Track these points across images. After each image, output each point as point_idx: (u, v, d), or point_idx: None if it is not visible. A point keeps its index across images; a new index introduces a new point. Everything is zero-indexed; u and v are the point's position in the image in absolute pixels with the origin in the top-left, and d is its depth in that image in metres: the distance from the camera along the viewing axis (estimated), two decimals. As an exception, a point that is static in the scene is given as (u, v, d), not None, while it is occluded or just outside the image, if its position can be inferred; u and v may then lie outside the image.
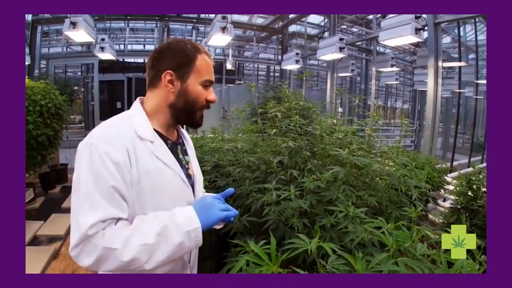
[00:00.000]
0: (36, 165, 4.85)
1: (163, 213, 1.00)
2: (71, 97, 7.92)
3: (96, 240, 0.88)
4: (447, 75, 8.64)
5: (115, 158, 0.94)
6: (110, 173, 0.93)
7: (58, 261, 3.45)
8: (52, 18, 8.17)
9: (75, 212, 0.91)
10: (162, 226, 0.95)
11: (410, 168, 2.05)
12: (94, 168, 0.93)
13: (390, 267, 0.90)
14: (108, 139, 0.97)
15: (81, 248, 0.89)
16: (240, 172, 1.87)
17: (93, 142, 0.95)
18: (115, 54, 7.09)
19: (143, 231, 0.93)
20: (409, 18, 4.17)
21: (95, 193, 0.91)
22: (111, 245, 0.88)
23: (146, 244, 0.91)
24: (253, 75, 13.51)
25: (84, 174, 0.93)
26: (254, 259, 0.90)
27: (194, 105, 1.12)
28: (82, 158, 0.95)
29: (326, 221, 1.36)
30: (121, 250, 0.89)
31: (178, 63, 1.09)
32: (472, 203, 2.08)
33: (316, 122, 2.03)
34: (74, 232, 0.90)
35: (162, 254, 0.93)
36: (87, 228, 0.88)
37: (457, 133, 7.68)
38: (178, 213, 1.00)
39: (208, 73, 1.13)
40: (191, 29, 10.26)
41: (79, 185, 0.93)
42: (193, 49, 1.11)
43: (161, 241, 0.93)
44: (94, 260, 0.88)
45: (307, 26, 10.16)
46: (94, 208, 0.90)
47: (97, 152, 0.94)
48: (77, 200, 0.93)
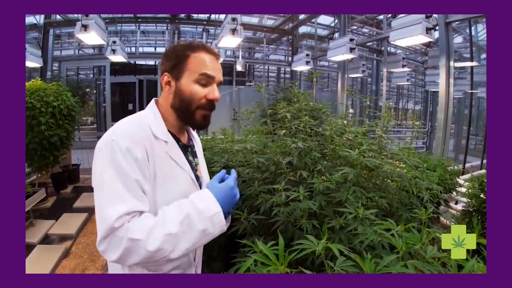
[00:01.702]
0: (49, 165, 4.94)
1: (183, 202, 1.02)
2: (83, 98, 8.03)
3: (121, 233, 0.90)
4: (459, 75, 8.51)
5: (135, 154, 0.97)
6: (132, 168, 0.96)
7: (69, 259, 3.49)
8: (63, 21, 8.28)
9: (101, 206, 0.93)
10: (185, 215, 0.97)
11: (422, 169, 2.02)
12: (116, 162, 0.95)
13: (399, 269, 0.89)
14: (129, 136, 0.99)
15: (108, 242, 0.90)
16: (250, 173, 1.87)
17: (114, 138, 0.98)
18: (127, 57, 7.15)
19: (165, 221, 0.95)
20: (420, 17, 4.13)
21: (119, 187, 0.94)
22: (134, 236, 0.90)
23: (170, 233, 0.93)
24: (264, 76, 13.50)
25: (107, 169, 0.95)
26: (262, 259, 0.90)
27: (191, 103, 1.11)
28: (103, 154, 0.97)
29: (335, 222, 1.35)
30: (145, 241, 0.90)
31: (172, 64, 1.12)
32: (484, 206, 2.05)
33: (326, 123, 2.02)
34: (100, 226, 0.91)
35: (186, 243, 0.96)
36: (114, 220, 0.89)
37: (470, 135, 7.55)
38: (197, 200, 1.02)
39: (203, 67, 1.11)
40: (201, 31, 10.31)
41: (103, 179, 0.95)
42: (186, 49, 1.12)
43: (184, 230, 0.96)
44: (120, 253, 0.90)
45: (317, 27, 10.12)
46: (119, 200, 0.93)
47: (118, 148, 0.96)
48: (101, 194, 0.95)
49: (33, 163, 4.83)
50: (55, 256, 3.42)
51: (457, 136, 9.50)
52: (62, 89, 5.08)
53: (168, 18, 9.25)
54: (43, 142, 4.60)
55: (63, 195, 5.54)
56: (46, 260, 3.34)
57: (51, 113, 4.65)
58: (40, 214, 4.62)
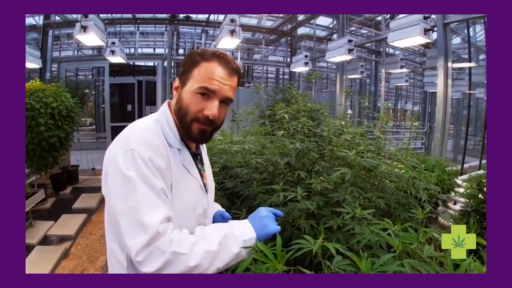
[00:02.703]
0: (48, 166, 4.94)
1: (222, 224, 1.06)
2: (82, 99, 8.01)
3: (164, 246, 0.89)
4: (458, 76, 8.52)
5: (158, 164, 0.97)
6: (156, 177, 0.95)
7: (68, 260, 3.50)
8: (63, 22, 8.27)
9: (134, 215, 0.90)
10: (223, 235, 0.99)
11: (419, 170, 2.03)
12: (142, 172, 0.93)
13: (395, 268, 0.90)
14: (149, 145, 0.98)
15: (150, 252, 0.88)
16: (248, 174, 1.87)
17: (134, 148, 0.95)
18: (126, 58, 7.15)
19: (207, 239, 0.97)
20: (418, 18, 4.15)
21: (151, 195, 0.93)
22: (179, 250, 0.90)
23: (210, 251, 0.94)
24: (262, 77, 13.51)
25: (134, 178, 0.93)
26: (260, 257, 0.91)
27: (186, 114, 1.06)
28: (124, 164, 0.94)
29: (333, 222, 1.36)
30: (188, 256, 0.91)
31: (183, 70, 1.09)
32: (482, 206, 2.06)
33: (324, 124, 2.03)
34: (138, 235, 0.89)
35: (220, 262, 0.96)
36: (157, 225, 0.89)
37: (468, 135, 7.57)
38: (235, 225, 1.05)
39: (207, 81, 1.03)
40: (200, 33, 10.32)
41: (129, 189, 0.92)
42: (200, 56, 1.06)
43: (221, 249, 0.96)
44: (161, 264, 0.88)
45: (315, 28, 10.12)
46: (156, 207, 0.92)
47: (140, 158, 0.94)
48: (132, 203, 0.92)
49: (32, 164, 4.83)
50: (54, 257, 3.42)
51: (456, 136, 9.52)
52: (61, 90, 5.08)
53: (167, 19, 9.26)
54: (42, 143, 4.61)
55: (62, 196, 5.54)
56: (45, 261, 3.34)
57: (50, 114, 4.65)
58: (39, 215, 4.62)
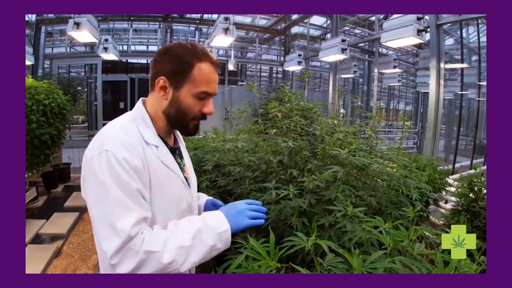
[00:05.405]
0: (39, 164, 4.88)
1: (194, 218, 1.05)
2: (74, 97, 7.94)
3: (136, 246, 0.90)
4: (450, 77, 8.60)
5: (133, 163, 0.96)
6: (132, 178, 0.95)
7: (60, 259, 3.47)
8: (56, 19, 8.19)
9: (107, 219, 0.91)
10: (196, 229, 0.98)
11: (411, 169, 2.05)
12: (116, 174, 0.93)
13: (386, 265, 0.91)
14: (123, 144, 0.97)
15: (123, 254, 0.89)
16: (241, 172, 1.88)
17: (108, 148, 0.94)
18: (119, 55, 7.10)
19: (179, 234, 0.97)
20: (411, 19, 4.17)
21: (124, 198, 0.92)
22: (151, 248, 0.90)
23: (183, 246, 0.94)
24: (256, 76, 13.49)
25: (107, 181, 0.92)
26: (253, 254, 0.91)
27: (187, 116, 1.09)
28: (98, 165, 0.94)
29: (325, 220, 1.37)
30: (161, 253, 0.91)
31: (173, 70, 1.05)
32: (473, 205, 2.08)
33: (317, 123, 2.04)
34: (111, 239, 0.90)
35: (196, 256, 0.96)
36: (129, 229, 0.89)
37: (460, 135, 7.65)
38: (208, 218, 1.04)
39: (206, 84, 1.06)
40: (194, 30, 10.29)
41: (103, 192, 0.92)
42: (193, 57, 1.05)
43: (195, 243, 0.96)
44: (135, 265, 0.89)
45: (309, 27, 10.14)
46: (128, 211, 0.92)
47: (114, 158, 0.93)
48: (105, 207, 0.92)
49: (23, 161, 4.76)
50: (46, 256, 3.39)
51: (448, 136, 9.60)
52: (54, 87, 5.02)
53: (161, 16, 9.21)
54: (34, 141, 4.55)
55: (54, 195, 5.48)
56: (37, 259, 3.31)
57: (42, 111, 4.60)
58: (31, 214, 4.57)
